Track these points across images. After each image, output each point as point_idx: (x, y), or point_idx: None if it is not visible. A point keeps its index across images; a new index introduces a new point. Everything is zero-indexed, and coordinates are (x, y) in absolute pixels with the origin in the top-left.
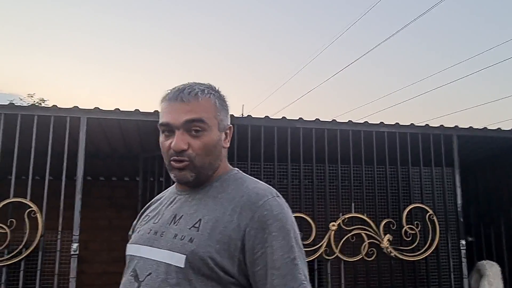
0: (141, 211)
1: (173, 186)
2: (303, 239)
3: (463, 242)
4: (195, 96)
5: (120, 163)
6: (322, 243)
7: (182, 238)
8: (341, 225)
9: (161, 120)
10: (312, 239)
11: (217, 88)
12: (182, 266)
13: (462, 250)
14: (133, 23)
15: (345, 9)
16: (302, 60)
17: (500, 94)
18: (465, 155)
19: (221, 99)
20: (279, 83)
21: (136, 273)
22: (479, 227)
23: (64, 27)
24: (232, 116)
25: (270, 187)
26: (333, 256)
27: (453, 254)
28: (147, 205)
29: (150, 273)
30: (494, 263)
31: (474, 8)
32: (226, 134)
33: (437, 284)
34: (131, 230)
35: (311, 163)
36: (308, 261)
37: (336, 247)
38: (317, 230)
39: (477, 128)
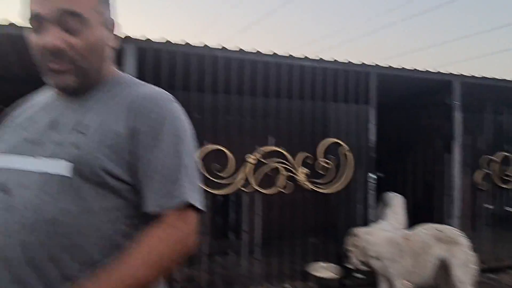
0: None
1: (49, 88)
2: (219, 171)
3: (373, 176)
4: None
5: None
6: (239, 175)
7: (67, 144)
8: (259, 158)
9: (28, 12)
10: (230, 172)
11: None
12: (67, 174)
13: (370, 183)
14: None
15: None
16: None
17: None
18: (384, 94)
19: None
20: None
21: (5, 186)
22: (389, 164)
23: None
24: (149, 40)
25: (164, 91)
26: (251, 189)
27: (363, 188)
28: (9, 108)
29: (24, 184)
30: (398, 194)
31: None
32: (110, 31)
33: (347, 214)
34: None
35: (230, 94)
36: (225, 194)
37: (254, 180)
38: (235, 163)
39: (395, 68)
